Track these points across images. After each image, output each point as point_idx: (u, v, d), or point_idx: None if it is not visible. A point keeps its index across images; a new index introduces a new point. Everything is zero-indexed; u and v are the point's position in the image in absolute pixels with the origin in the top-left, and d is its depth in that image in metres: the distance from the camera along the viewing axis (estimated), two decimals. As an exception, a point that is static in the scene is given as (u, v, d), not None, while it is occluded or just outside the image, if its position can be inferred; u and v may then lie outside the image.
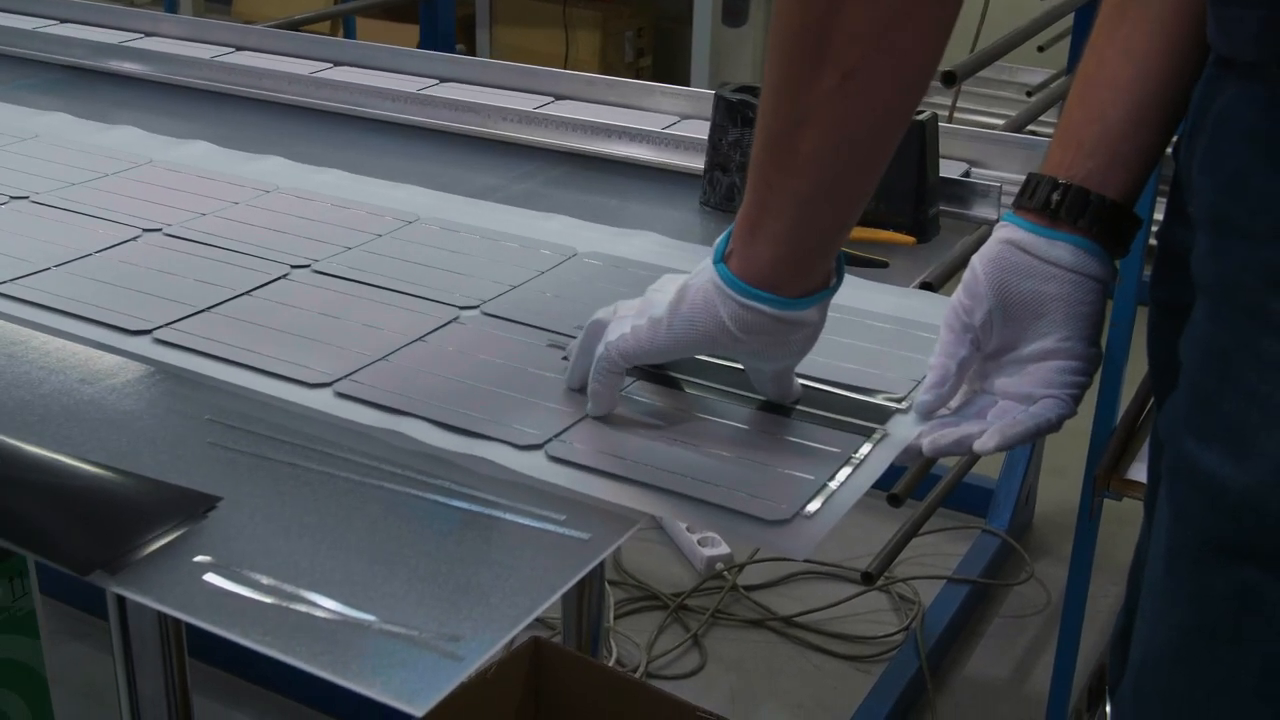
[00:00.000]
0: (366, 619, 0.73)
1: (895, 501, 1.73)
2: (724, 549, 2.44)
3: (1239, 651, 0.77)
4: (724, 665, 2.27)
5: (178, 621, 1.04)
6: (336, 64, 1.83)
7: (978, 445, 0.90)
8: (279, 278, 1.16)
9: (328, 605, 0.74)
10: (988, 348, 0.93)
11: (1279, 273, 0.72)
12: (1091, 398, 1.76)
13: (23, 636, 1.64)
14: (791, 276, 0.84)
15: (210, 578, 0.76)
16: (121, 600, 1.06)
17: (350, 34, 3.45)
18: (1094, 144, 0.93)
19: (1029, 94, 3.69)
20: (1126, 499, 1.61)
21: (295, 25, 2.69)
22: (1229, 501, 0.74)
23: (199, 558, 0.77)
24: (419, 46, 2.84)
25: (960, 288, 0.94)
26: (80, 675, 2.01)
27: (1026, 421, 0.90)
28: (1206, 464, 0.75)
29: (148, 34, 1.97)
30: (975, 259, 0.94)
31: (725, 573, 2.44)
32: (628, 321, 0.90)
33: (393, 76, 1.76)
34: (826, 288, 0.87)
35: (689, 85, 4.50)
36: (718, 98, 1.38)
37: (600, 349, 0.91)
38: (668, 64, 5.23)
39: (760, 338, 0.86)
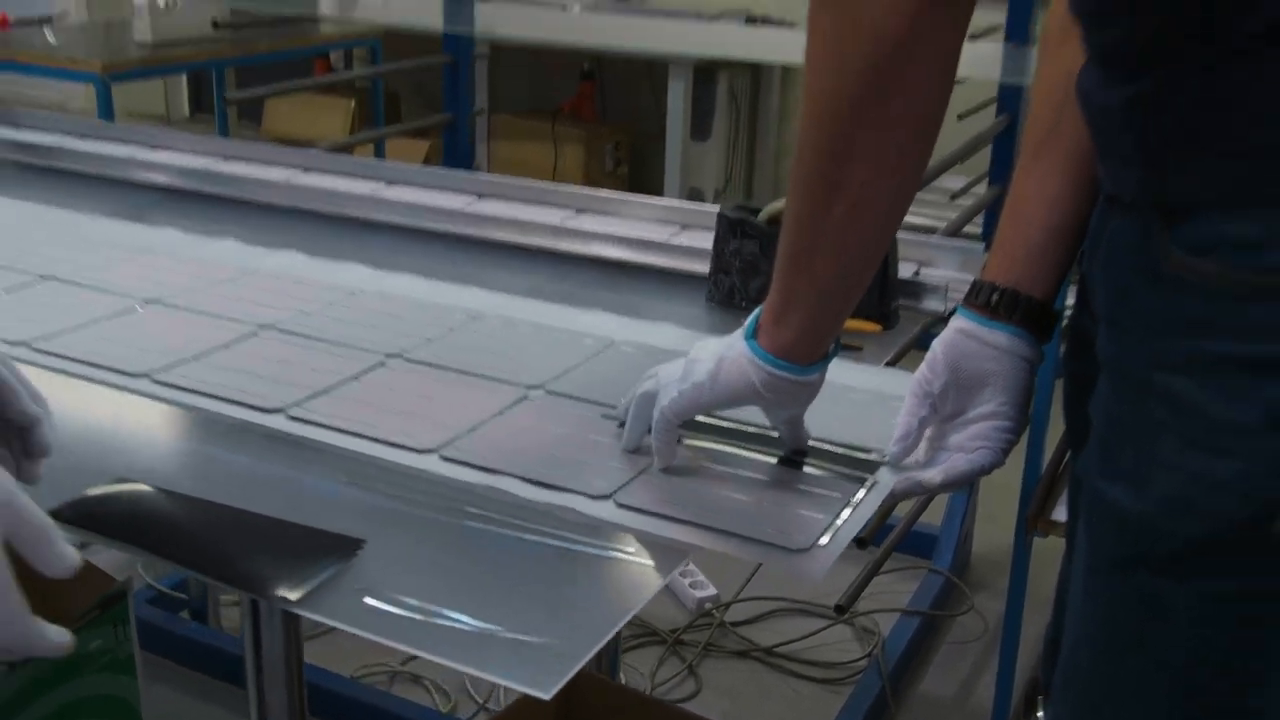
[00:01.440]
0: (493, 629, 0.85)
1: (862, 544, 1.85)
2: (711, 590, 2.55)
3: (1143, 656, 0.90)
4: (717, 692, 2.38)
5: (299, 653, 1.15)
6: (390, 183, 1.97)
7: (925, 479, 1.05)
8: (377, 365, 1.29)
9: (462, 619, 0.86)
10: (944, 412, 1.07)
11: (1157, 359, 0.86)
12: (1020, 454, 1.90)
13: (124, 676, 1.72)
14: (807, 351, 0.98)
15: (369, 600, 0.88)
16: (257, 637, 1.17)
17: (380, 151, 3.58)
18: (1022, 258, 1.07)
19: (953, 197, 3.87)
20: (1051, 537, 1.74)
21: (341, 148, 2.83)
22: (1129, 526, 0.88)
23: (356, 586, 0.89)
24: (443, 162, 2.99)
25: (924, 364, 1.08)
26: (160, 711, 2.10)
27: (965, 465, 1.04)
28: (1112, 498, 0.89)
29: (227, 157, 2.10)
30: (936, 343, 1.08)
31: (713, 610, 2.55)
32: (674, 388, 1.03)
33: (441, 194, 1.90)
34: (828, 356, 1.01)
35: (662, 190, 4.66)
36: (720, 215, 1.52)
37: (655, 413, 1.04)
38: (642, 172, 5.38)
39: (782, 395, 1.00)
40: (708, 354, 1.02)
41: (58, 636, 0.76)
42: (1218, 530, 0.83)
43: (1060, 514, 1.74)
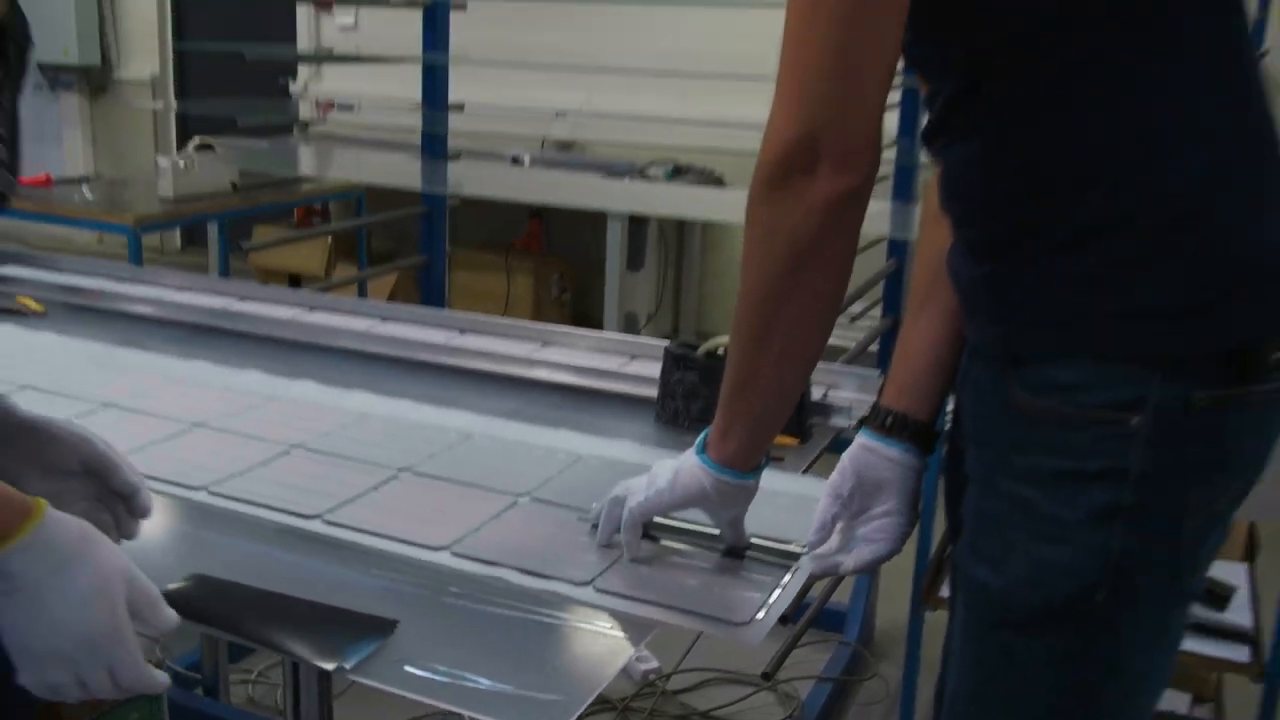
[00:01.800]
0: (505, 688, 0.99)
1: (784, 620, 1.99)
2: (655, 663, 2.66)
3: (1004, 698, 1.06)
4: (661, 751, 2.49)
5: (330, 713, 1.27)
6: (384, 319, 2.12)
7: (839, 563, 1.20)
8: (391, 478, 1.43)
9: (481, 681, 0.99)
10: (851, 510, 1.22)
11: (1009, 471, 1.03)
12: (914, 543, 2.06)
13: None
14: (746, 461, 1.13)
15: (408, 668, 1.01)
16: (296, 700, 1.29)
17: (363, 287, 3.73)
18: (909, 389, 1.23)
19: (853, 320, 4.08)
20: (940, 611, 1.89)
21: (332, 287, 2.97)
22: (992, 598, 1.04)
23: (395, 657, 1.03)
24: (420, 295, 3.13)
25: (835, 471, 1.23)
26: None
27: (870, 553, 1.19)
28: (980, 577, 1.06)
29: (243, 298, 2.23)
30: (845, 455, 1.24)
31: (656, 680, 2.66)
32: (640, 493, 1.18)
33: (427, 329, 2.05)
34: (761, 465, 1.16)
35: (602, 313, 4.83)
36: (666, 351, 1.68)
37: (625, 514, 1.19)
38: (584, 299, 5.54)
39: (727, 497, 1.15)
40: (666, 467, 1.17)
41: (161, 677, 0.89)
42: (1055, 601, 0.99)
43: (946, 591, 1.90)
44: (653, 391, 1.73)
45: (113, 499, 1.06)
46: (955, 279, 1.13)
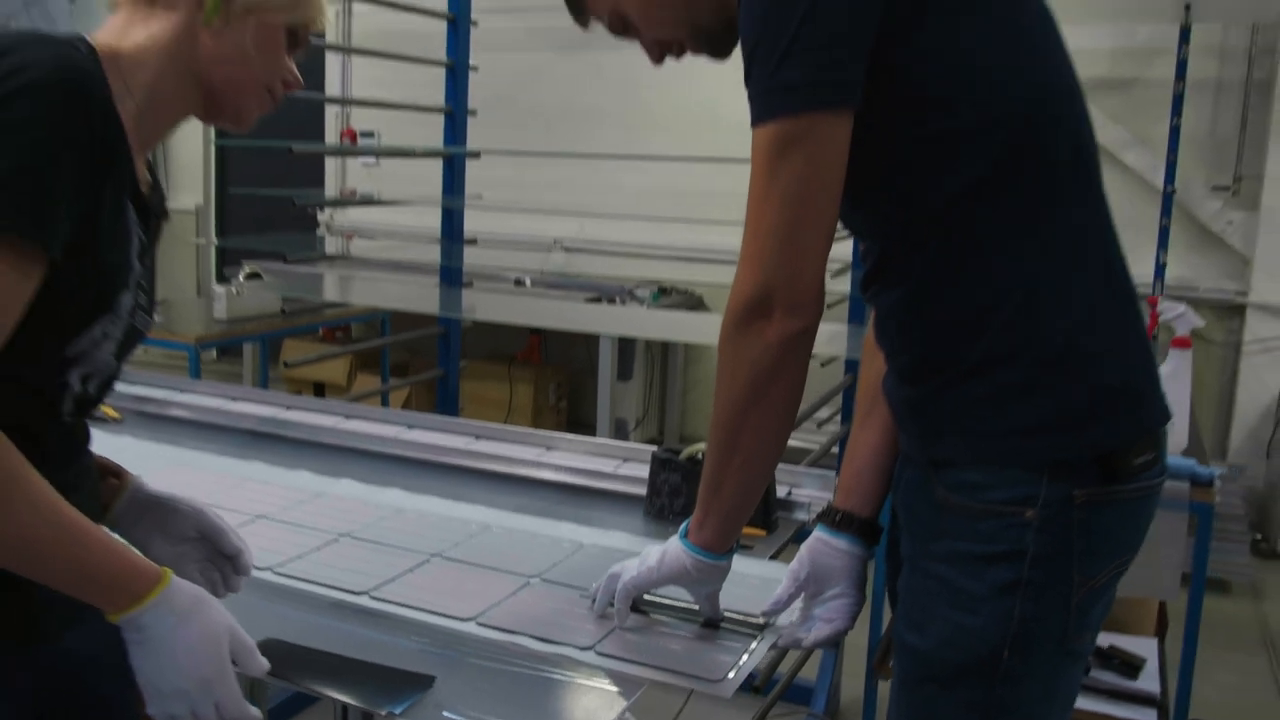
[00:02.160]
0: (525, 731, 1.12)
1: (758, 690, 2.10)
2: (641, 732, 2.75)
3: None
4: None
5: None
6: (410, 427, 2.27)
7: (799, 638, 1.33)
8: (424, 561, 1.56)
9: (505, 725, 1.12)
10: (809, 592, 1.35)
11: (932, 554, 1.17)
12: (868, 623, 2.18)
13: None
14: (720, 545, 1.26)
15: (445, 713, 1.14)
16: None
17: (385, 398, 3.88)
18: (855, 490, 1.37)
19: (819, 425, 4.24)
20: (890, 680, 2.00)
21: (361, 397, 3.11)
22: (919, 657, 1.18)
23: (434, 704, 1.16)
24: (435, 404, 3.28)
25: (795, 559, 1.37)
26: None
27: (826, 630, 1.32)
28: (910, 641, 1.19)
29: (288, 407, 2.38)
30: (802, 546, 1.38)
31: (643, 748, 2.73)
32: (633, 569, 1.31)
33: (447, 435, 2.20)
34: (733, 550, 1.29)
35: (595, 418, 4.98)
36: (653, 456, 1.83)
37: (619, 587, 1.32)
38: (579, 405, 5.70)
39: (704, 575, 1.28)
40: (655, 550, 1.31)
41: (255, 712, 1.02)
42: (968, 659, 1.13)
43: (895, 665, 2.02)
44: (642, 490, 1.87)
45: (221, 560, 1.20)
46: (889, 399, 1.28)
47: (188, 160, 7.04)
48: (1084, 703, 1.82)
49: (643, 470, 1.90)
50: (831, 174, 1.08)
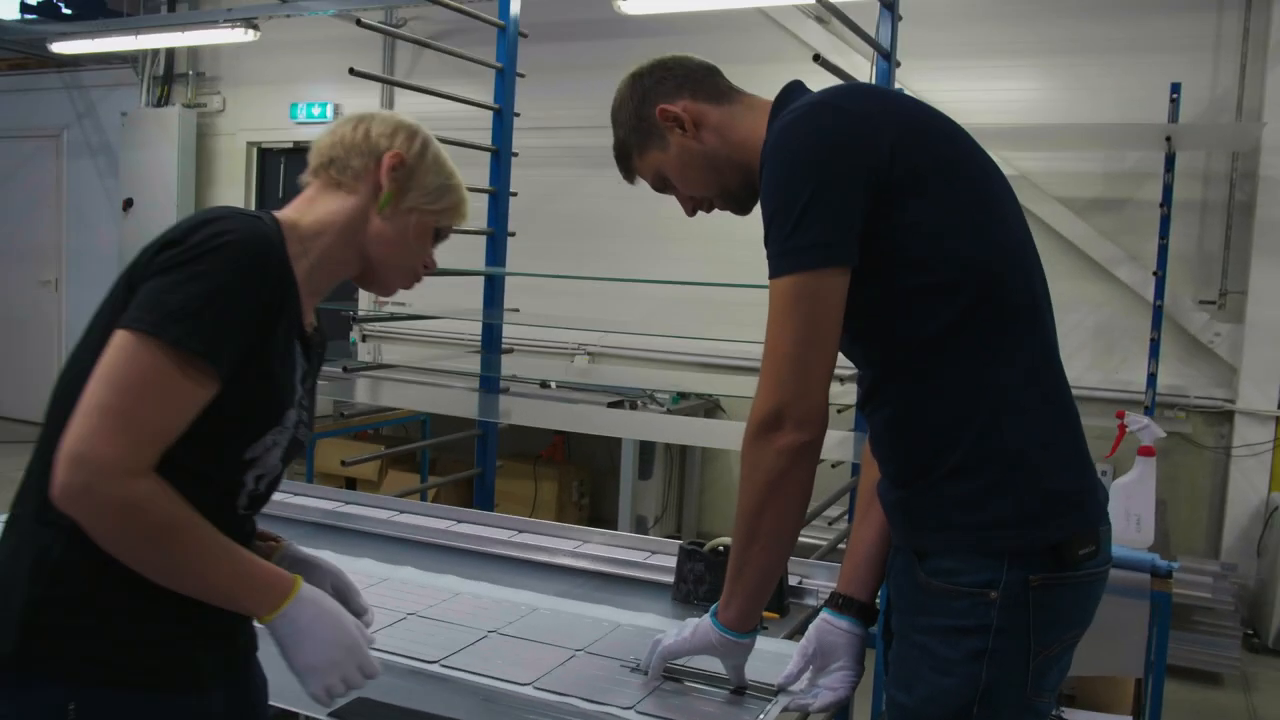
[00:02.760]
0: (580, 772, 1.35)
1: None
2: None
3: None
4: None
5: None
6: (459, 521, 2.53)
7: (807, 704, 1.56)
8: (483, 637, 1.80)
9: (563, 767, 1.36)
10: (815, 665, 1.59)
11: (916, 626, 1.41)
12: (867, 694, 2.39)
13: None
14: (742, 624, 1.49)
15: (513, 758, 1.38)
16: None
17: (424, 496, 4.14)
18: (854, 578, 1.61)
19: (830, 523, 4.46)
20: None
21: (404, 494, 3.36)
22: (906, 712, 1.41)
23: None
24: (473, 499, 3.54)
25: (804, 638, 1.61)
26: None
27: (830, 696, 1.56)
28: (899, 698, 1.43)
29: (346, 502, 2.64)
30: (811, 627, 1.62)
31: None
32: (671, 637, 1.54)
33: (492, 529, 2.45)
34: (757, 628, 1.52)
35: (616, 514, 5.21)
36: (680, 547, 2.08)
37: (658, 649, 1.55)
38: (601, 502, 5.93)
39: (729, 650, 1.51)
40: (690, 623, 1.54)
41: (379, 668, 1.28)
42: (946, 714, 1.36)
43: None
44: (667, 578, 2.12)
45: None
46: (881, 499, 1.54)
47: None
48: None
49: (668, 561, 2.15)
50: (833, 317, 1.36)
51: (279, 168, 7.34)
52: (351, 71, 2.79)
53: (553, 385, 5.45)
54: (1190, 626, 4.06)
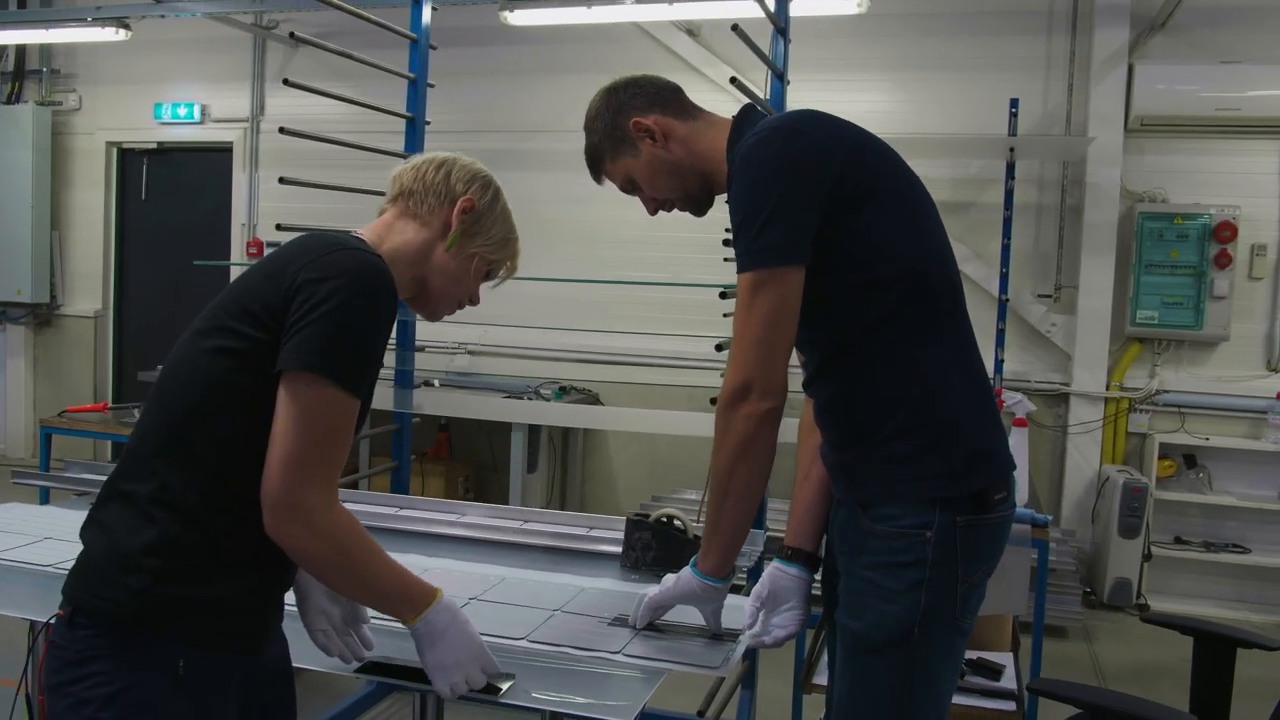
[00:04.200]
0: (581, 699, 1.58)
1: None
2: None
3: (870, 698, 1.69)
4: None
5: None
6: (402, 508, 2.70)
7: (763, 639, 1.82)
8: (466, 604, 2.00)
9: (576, 699, 1.58)
10: (768, 608, 1.84)
11: (861, 564, 1.66)
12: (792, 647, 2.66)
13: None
14: (721, 570, 1.74)
15: (534, 694, 1.59)
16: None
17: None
18: (799, 531, 1.86)
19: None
20: (813, 694, 2.49)
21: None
22: (857, 636, 1.65)
23: (521, 691, 1.61)
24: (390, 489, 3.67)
25: (758, 584, 1.86)
26: None
27: (781, 634, 1.81)
28: (850, 624, 1.67)
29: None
30: (764, 574, 1.87)
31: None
32: (655, 590, 1.79)
33: (437, 513, 2.64)
34: (730, 576, 1.76)
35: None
36: (628, 519, 2.31)
37: (644, 600, 1.79)
38: (485, 495, 6.07)
39: (708, 594, 1.76)
40: (671, 577, 1.79)
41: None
42: (892, 635, 1.64)
43: (821, 679, 2.52)
44: (612, 548, 2.36)
45: (356, 624, 1.65)
46: (825, 462, 1.82)
47: (88, 268, 7.24)
48: (960, 699, 2.36)
49: (607, 533, 2.39)
50: (791, 307, 1.62)
51: (141, 168, 7.20)
52: (286, 82, 2.90)
53: (435, 384, 5.60)
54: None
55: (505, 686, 1.58)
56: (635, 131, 1.78)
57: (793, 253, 1.61)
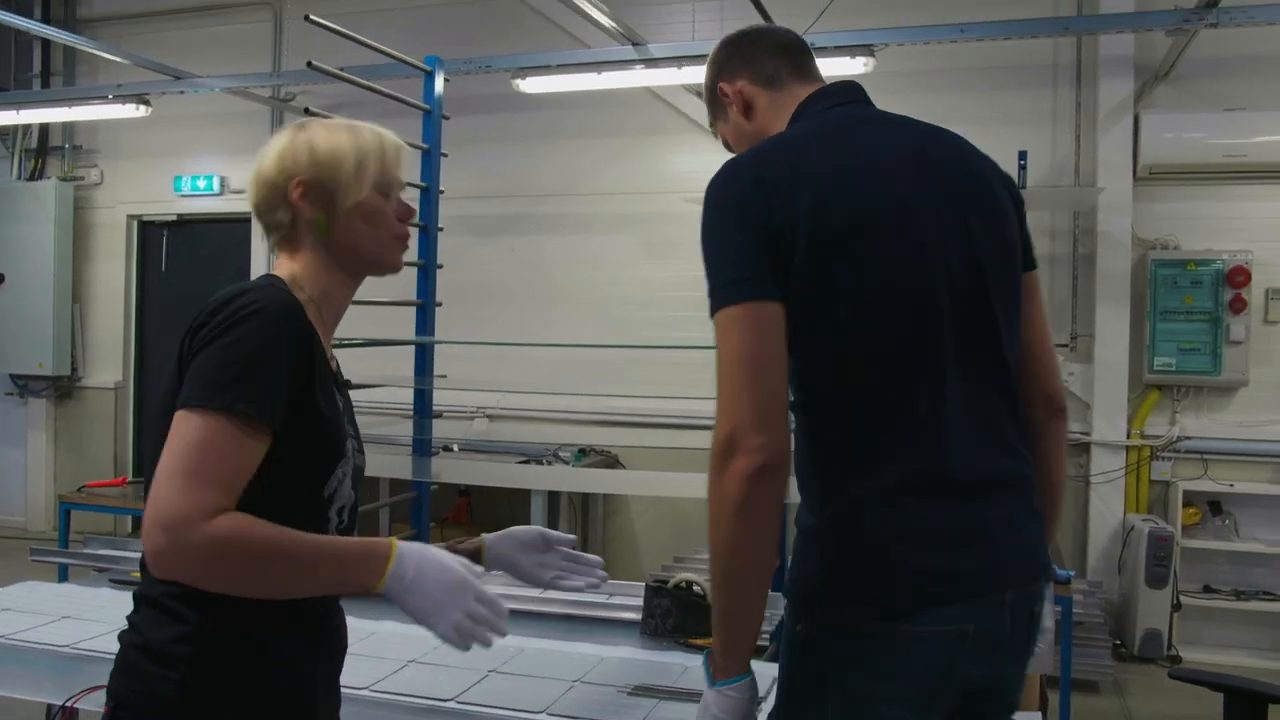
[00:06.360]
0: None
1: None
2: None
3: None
4: None
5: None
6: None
7: None
8: (484, 677, 1.98)
9: (596, 776, 1.56)
10: None
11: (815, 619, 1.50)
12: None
13: None
14: (733, 669, 1.38)
15: (551, 771, 1.57)
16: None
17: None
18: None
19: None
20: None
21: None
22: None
23: (539, 768, 1.59)
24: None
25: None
26: None
27: None
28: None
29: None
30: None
31: None
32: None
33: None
34: (746, 673, 1.39)
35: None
36: (647, 586, 2.30)
37: None
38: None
39: (730, 704, 1.38)
40: (699, 709, 1.42)
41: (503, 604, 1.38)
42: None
43: None
44: (631, 615, 2.34)
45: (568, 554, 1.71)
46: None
47: (109, 339, 7.31)
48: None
49: (628, 600, 2.37)
50: (768, 341, 1.36)
51: (161, 240, 7.29)
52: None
53: (454, 449, 5.59)
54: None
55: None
56: (722, 96, 1.72)
57: (758, 288, 1.39)
